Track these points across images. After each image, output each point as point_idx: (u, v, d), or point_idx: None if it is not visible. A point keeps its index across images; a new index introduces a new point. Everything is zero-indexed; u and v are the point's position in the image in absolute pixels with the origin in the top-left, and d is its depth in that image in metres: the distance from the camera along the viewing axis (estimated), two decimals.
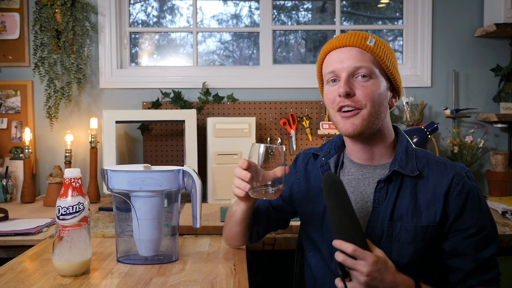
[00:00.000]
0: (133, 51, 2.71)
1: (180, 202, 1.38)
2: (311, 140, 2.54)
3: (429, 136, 2.26)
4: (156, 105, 2.50)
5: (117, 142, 2.32)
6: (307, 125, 2.53)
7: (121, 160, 2.53)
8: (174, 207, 1.34)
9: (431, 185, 1.17)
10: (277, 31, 2.73)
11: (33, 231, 1.69)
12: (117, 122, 2.21)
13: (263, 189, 1.16)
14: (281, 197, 1.34)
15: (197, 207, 1.31)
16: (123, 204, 1.29)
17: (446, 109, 2.52)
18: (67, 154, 2.32)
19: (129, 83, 2.54)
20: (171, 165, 2.23)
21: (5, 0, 2.48)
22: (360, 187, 1.22)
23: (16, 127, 2.50)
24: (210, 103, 2.54)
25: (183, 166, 1.33)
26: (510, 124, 2.56)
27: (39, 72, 2.42)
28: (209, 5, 2.73)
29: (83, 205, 1.17)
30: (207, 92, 2.53)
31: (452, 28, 2.60)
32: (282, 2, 2.75)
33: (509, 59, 2.59)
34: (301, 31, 2.77)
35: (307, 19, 2.81)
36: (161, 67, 2.67)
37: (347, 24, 2.77)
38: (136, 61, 2.72)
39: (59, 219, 1.16)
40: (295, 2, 2.76)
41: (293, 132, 2.52)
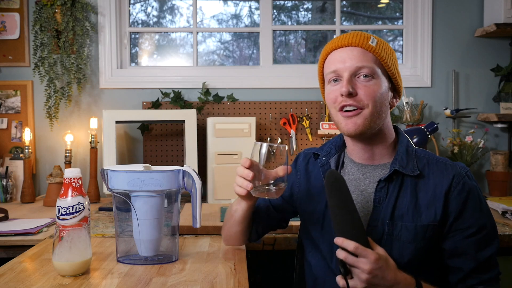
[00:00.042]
0: (133, 51, 2.71)
1: (180, 202, 1.38)
2: (311, 140, 2.54)
3: (429, 136, 2.26)
4: (156, 105, 2.50)
5: (117, 142, 2.32)
6: (307, 125, 2.53)
7: (121, 160, 2.53)
8: (174, 207, 1.34)
9: (431, 185, 1.17)
10: (277, 31, 2.73)
11: (33, 231, 1.69)
12: (117, 122, 2.21)
13: (265, 188, 1.15)
14: (282, 197, 1.33)
15: (197, 207, 1.31)
16: (123, 204, 1.29)
17: (446, 109, 2.52)
18: (67, 154, 2.32)
19: (129, 83, 2.54)
20: (171, 165, 2.23)
21: (5, 0, 2.48)
22: (361, 187, 1.22)
23: (16, 127, 2.50)
24: (210, 103, 2.54)
25: (183, 166, 1.33)
26: (510, 124, 2.56)
27: (39, 72, 2.42)
28: (209, 5, 2.73)
29: (83, 205, 1.17)
30: (207, 92, 2.53)
31: (452, 28, 2.60)
32: (282, 2, 2.75)
33: (509, 59, 2.59)
34: (301, 31, 2.77)
35: (307, 19, 2.81)
36: (161, 67, 2.67)
37: (347, 24, 2.77)
38: (136, 61, 2.72)
39: (59, 219, 1.16)
40: (295, 2, 2.76)
41: (293, 132, 2.52)
